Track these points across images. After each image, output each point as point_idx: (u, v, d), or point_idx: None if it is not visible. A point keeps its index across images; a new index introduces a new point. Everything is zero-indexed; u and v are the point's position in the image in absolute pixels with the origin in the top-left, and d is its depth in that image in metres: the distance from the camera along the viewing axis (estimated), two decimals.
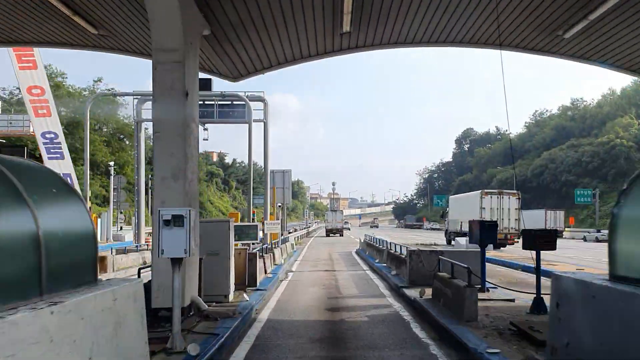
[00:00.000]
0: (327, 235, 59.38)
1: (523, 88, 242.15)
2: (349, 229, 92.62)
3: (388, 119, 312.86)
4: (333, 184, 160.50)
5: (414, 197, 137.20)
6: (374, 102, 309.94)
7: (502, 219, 31.44)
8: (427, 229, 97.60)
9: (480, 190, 33.94)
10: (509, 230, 31.64)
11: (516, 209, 32.02)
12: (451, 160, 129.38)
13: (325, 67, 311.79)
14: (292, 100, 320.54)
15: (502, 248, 30.52)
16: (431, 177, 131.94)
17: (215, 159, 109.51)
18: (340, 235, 58.89)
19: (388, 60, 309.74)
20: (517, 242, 31.13)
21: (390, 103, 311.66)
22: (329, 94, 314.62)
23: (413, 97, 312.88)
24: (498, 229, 30.54)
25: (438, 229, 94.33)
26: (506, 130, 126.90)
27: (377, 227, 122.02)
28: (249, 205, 19.38)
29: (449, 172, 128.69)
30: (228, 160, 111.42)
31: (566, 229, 61.14)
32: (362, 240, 29.95)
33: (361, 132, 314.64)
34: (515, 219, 31.92)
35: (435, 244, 34.40)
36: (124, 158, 62.21)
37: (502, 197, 32.05)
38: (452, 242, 36.84)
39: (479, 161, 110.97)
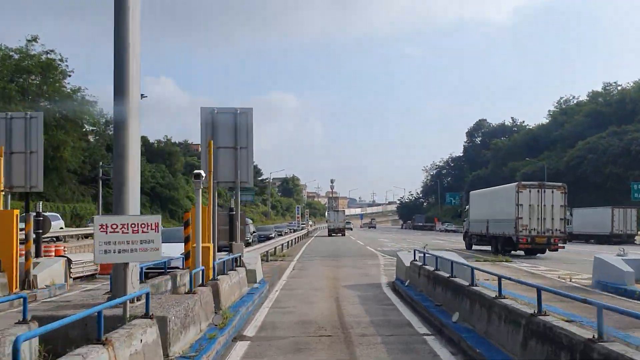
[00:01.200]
0: (330, 235, 56.03)
1: (542, 77, 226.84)
2: (351, 229, 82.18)
3: (387, 118, 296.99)
4: (331, 181, 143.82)
5: (420, 195, 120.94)
6: (372, 102, 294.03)
7: (544, 219, 24.63)
8: (441, 231, 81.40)
9: (515, 183, 26.72)
10: (552, 233, 24.62)
11: (562, 205, 25.05)
12: (462, 154, 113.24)
13: (323, 66, 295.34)
14: (290, 99, 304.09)
15: (538, 254, 25.37)
16: (440, 173, 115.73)
17: (199, 150, 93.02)
18: (342, 235, 55.41)
19: (386, 58, 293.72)
20: (563, 247, 24.99)
21: (388, 102, 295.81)
22: (327, 94, 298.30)
23: (411, 95, 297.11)
24: (539, 230, 23.43)
25: (454, 231, 78.41)
26: (523, 122, 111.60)
27: (374, 227, 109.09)
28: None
29: (459, 167, 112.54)
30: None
31: (639, 232, 45.29)
32: (409, 264, 13.12)
33: (359, 132, 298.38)
34: (561, 219, 25.01)
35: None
36: (59, 137, 45.81)
37: (544, 191, 25.02)
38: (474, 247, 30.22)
39: (497, 154, 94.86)
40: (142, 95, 40.52)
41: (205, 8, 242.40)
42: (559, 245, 24.52)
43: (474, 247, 29.94)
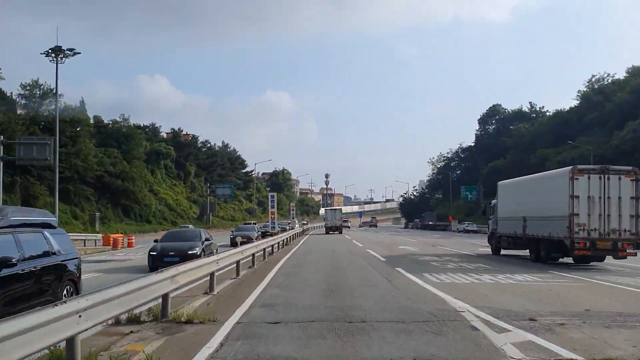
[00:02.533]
0: (327, 233, 53.72)
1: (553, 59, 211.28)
2: (349, 227, 73.91)
3: (383, 117, 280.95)
4: (326, 176, 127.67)
5: (426, 190, 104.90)
6: (367, 102, 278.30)
7: (609, 215, 17.60)
8: (460, 231, 65.35)
9: (569, 167, 18.86)
10: (620, 235, 17.51)
11: (632, 197, 17.78)
12: (474, 144, 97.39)
13: (319, 65, 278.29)
14: (285, 98, 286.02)
15: (593, 262, 19.04)
16: (448, 165, 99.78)
17: (166, 135, 76.00)
18: (339, 233, 52.30)
19: (385, 56, 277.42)
20: (635, 254, 18.01)
21: (384, 102, 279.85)
22: (323, 93, 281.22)
23: (407, 95, 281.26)
24: (602, 231, 17.96)
25: (475, 232, 62.49)
26: (543, 107, 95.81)
27: (375, 226, 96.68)
28: None
29: (471, 158, 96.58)
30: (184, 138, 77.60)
31: None
32: None
33: (355, 130, 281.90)
34: (631, 215, 17.66)
35: None
36: None
37: (608, 178, 17.82)
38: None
39: (520, 141, 79.08)
40: (73, 50, 20.72)
41: (201, 7, 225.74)
42: (628, 251, 18.00)
43: (502, 251, 23.84)
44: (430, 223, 76.21)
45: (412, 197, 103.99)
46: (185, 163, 72.66)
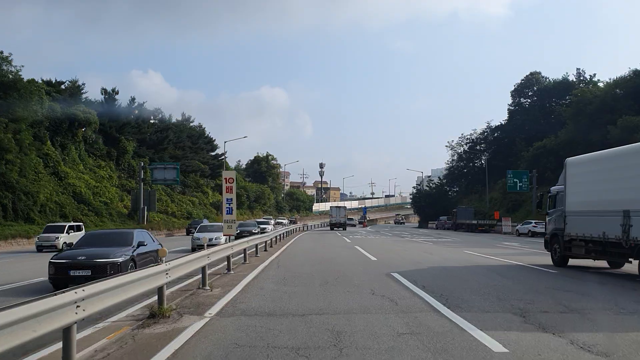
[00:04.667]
0: (332, 229, 52.40)
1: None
2: (360, 224, 70.54)
3: (380, 114, 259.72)
4: (321, 166, 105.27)
5: (444, 180, 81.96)
6: (365, 93, 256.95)
7: None
8: (523, 234, 42.48)
9: None
10: None
11: None
12: (506, 121, 74.82)
13: (314, 59, 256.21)
14: (280, 92, 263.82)
15: None
16: (474, 148, 77.06)
17: (94, 95, 51.89)
18: (343, 229, 51.07)
19: (378, 55, 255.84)
20: None
21: (380, 99, 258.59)
22: (318, 88, 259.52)
23: (404, 93, 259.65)
24: None
25: (544, 235, 39.77)
26: (594, 75, 73.11)
27: (402, 224, 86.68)
28: None
29: (501, 140, 73.79)
30: (121, 99, 53.63)
31: None
32: None
33: (350, 127, 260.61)
34: None
35: None
36: None
37: None
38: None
39: (582, 110, 56.02)
40: None
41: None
42: None
43: (570, 262, 15.29)
44: (465, 221, 53.29)
45: (428, 188, 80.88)
46: (120, 137, 49.28)
